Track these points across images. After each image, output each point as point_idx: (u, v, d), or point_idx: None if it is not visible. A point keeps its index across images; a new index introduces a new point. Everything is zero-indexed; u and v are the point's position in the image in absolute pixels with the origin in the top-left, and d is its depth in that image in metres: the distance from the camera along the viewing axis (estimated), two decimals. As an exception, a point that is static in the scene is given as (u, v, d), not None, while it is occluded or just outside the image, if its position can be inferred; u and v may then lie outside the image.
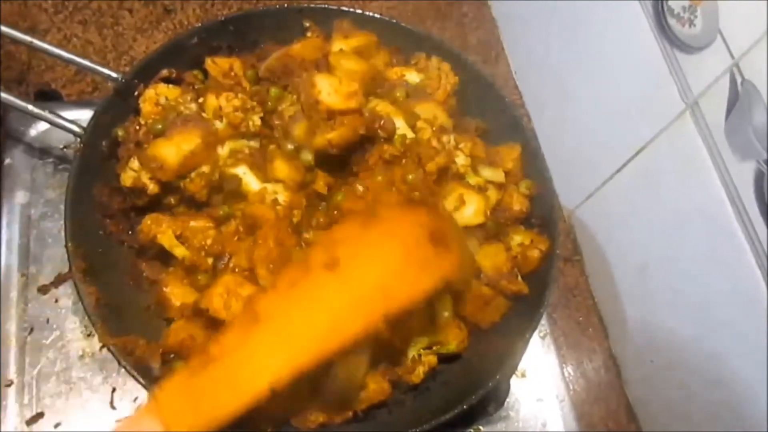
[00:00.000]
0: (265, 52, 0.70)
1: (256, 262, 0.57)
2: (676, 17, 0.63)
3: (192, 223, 0.60)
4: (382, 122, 0.64)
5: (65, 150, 0.70)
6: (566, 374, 0.77)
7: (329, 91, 0.62)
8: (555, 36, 0.86)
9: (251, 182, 0.61)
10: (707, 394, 0.67)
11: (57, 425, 0.60)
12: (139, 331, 0.57)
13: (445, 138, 0.66)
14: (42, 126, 0.69)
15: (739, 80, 0.57)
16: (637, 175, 0.73)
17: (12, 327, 0.63)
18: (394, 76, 0.71)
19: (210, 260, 0.60)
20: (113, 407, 0.62)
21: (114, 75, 0.65)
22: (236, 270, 0.58)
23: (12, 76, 0.80)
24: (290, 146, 0.63)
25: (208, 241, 0.59)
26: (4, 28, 0.63)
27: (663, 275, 0.71)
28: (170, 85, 0.66)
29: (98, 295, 0.57)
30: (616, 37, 0.73)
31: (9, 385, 0.62)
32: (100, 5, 0.90)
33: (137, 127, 0.63)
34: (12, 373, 0.62)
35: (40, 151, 0.70)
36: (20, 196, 0.66)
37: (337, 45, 0.69)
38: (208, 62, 0.68)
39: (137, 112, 0.65)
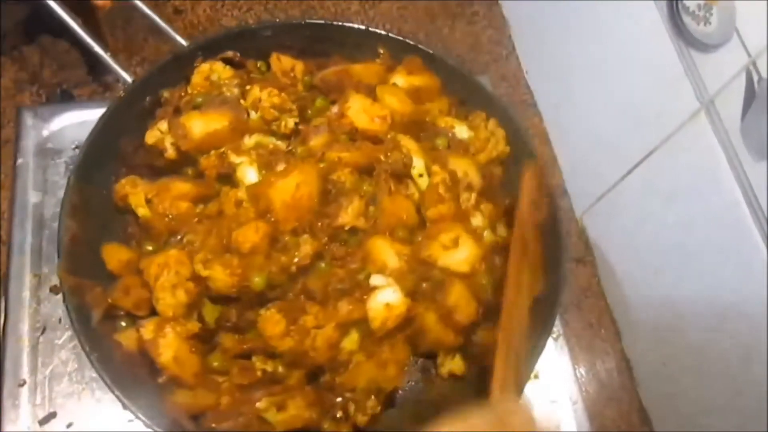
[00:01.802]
0: (329, 63, 0.71)
1: (202, 249, 0.57)
2: (691, 15, 0.62)
3: (177, 184, 0.61)
4: (400, 156, 0.63)
5: (77, 150, 0.70)
6: (579, 376, 0.77)
7: (358, 109, 0.63)
8: (567, 34, 0.85)
9: (248, 174, 0.61)
10: (720, 398, 0.66)
11: (69, 425, 0.60)
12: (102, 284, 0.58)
13: (465, 195, 0.65)
14: (55, 126, 0.69)
15: (756, 79, 0.56)
16: (651, 175, 0.72)
17: (25, 327, 0.64)
18: (443, 124, 0.70)
19: (165, 224, 0.60)
20: (125, 407, 0.62)
21: (184, 43, 0.69)
22: (186, 248, 0.58)
23: (24, 77, 0.80)
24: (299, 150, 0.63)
25: (174, 212, 0.60)
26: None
27: (676, 276, 0.71)
28: (226, 66, 0.68)
29: (76, 233, 0.58)
30: (630, 35, 0.72)
31: (22, 385, 0.62)
32: (111, 7, 0.90)
33: (182, 95, 0.66)
34: (25, 373, 0.62)
35: (53, 151, 0.70)
36: (33, 196, 0.66)
37: (398, 78, 0.69)
38: (273, 57, 0.70)
39: (188, 81, 0.67)
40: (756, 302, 0.60)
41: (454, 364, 0.65)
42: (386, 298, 0.57)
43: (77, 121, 0.69)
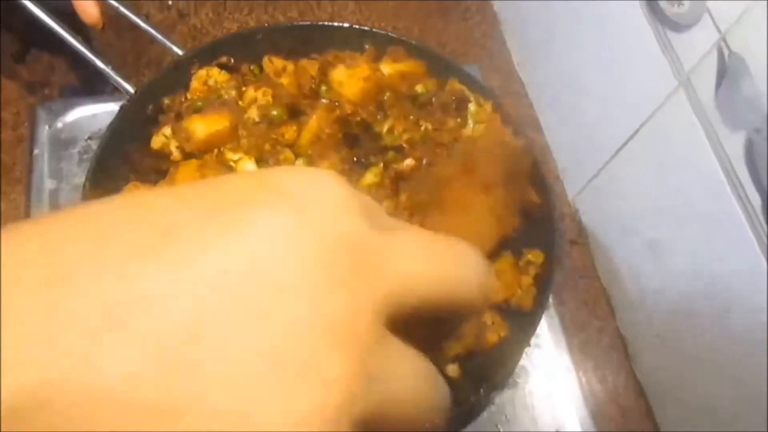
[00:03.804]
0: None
1: None
2: (665, -2, 0.66)
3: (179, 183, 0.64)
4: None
5: (89, 141, 0.74)
6: (574, 353, 0.79)
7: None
8: (553, 27, 0.89)
9: (247, 167, 0.65)
10: (713, 371, 0.68)
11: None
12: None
13: None
14: (69, 118, 0.74)
15: (726, 53, 0.59)
16: (638, 153, 0.75)
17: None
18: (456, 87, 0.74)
19: None
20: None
21: (180, 52, 0.73)
22: None
23: (36, 78, 0.84)
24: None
25: None
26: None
27: (665, 251, 0.73)
28: (222, 71, 0.73)
29: None
30: (611, 22, 0.76)
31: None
32: (118, 11, 0.95)
33: (183, 101, 0.70)
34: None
35: (66, 142, 0.74)
36: (49, 183, 0.71)
37: (385, 66, 0.74)
38: (265, 59, 0.74)
39: (187, 87, 0.72)
40: (739, 265, 0.62)
41: (450, 370, 0.65)
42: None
43: (89, 114, 0.73)
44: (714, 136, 0.63)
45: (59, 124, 0.74)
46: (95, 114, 0.69)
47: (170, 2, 0.96)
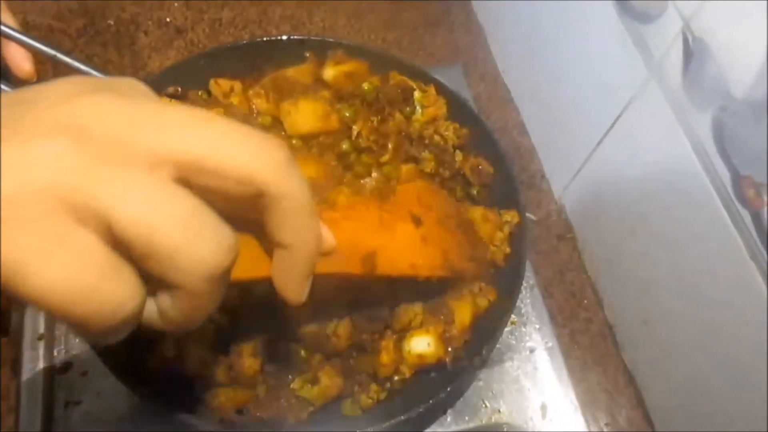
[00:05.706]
0: (264, 77, 0.77)
1: None
2: (633, -8, 0.70)
3: None
4: None
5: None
6: (562, 341, 0.81)
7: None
8: (532, 32, 0.93)
9: None
10: (702, 355, 0.70)
11: (84, 373, 0.65)
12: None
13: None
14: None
15: (690, 39, 0.63)
16: (616, 146, 0.78)
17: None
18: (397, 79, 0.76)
19: None
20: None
21: None
22: None
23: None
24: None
25: None
26: (29, 41, 0.70)
27: (647, 238, 0.75)
28: (172, 100, 0.73)
29: None
30: (586, 22, 0.80)
31: (40, 338, 0.67)
32: (118, 29, 0.99)
33: None
34: (42, 327, 0.67)
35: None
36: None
37: (328, 70, 0.76)
38: (212, 83, 0.75)
39: None
40: (715, 249, 0.64)
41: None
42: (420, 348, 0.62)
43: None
44: (684, 119, 0.66)
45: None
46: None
47: (168, 19, 1.01)
